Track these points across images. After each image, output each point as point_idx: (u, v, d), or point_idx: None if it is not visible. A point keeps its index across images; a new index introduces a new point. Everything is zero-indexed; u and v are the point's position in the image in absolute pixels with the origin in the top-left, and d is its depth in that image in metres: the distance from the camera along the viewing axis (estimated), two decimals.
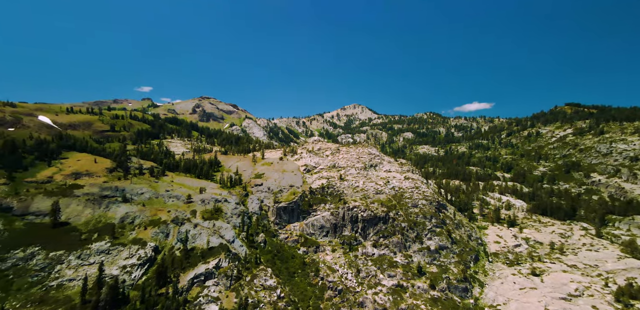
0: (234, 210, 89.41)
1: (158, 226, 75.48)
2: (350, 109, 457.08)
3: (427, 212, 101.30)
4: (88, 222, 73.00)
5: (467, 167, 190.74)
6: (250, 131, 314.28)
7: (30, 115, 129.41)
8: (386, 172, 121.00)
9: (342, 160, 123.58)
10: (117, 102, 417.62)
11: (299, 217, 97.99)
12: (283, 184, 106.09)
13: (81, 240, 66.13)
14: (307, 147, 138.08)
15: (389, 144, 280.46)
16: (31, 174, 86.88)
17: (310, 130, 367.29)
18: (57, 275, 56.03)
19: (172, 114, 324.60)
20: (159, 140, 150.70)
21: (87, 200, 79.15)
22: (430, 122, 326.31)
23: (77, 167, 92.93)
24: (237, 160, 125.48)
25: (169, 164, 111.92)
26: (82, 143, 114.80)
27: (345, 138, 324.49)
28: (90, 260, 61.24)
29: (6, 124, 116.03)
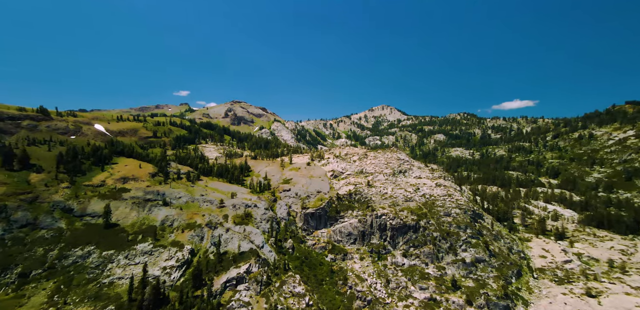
0: (263, 215, 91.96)
1: (194, 229, 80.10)
2: (379, 110, 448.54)
3: (461, 221, 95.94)
4: (134, 224, 79.74)
5: (506, 172, 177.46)
6: (279, 134, 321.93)
7: (87, 124, 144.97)
8: (416, 178, 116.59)
9: (369, 165, 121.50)
10: (159, 108, 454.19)
11: (327, 223, 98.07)
12: (310, 190, 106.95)
13: (128, 241, 72.39)
14: (334, 152, 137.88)
15: (418, 146, 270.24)
16: (88, 178, 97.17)
17: (337, 133, 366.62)
18: (109, 273, 61.88)
19: (206, 118, 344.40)
20: (195, 145, 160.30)
21: (133, 204, 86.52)
22: (464, 123, 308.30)
23: (125, 172, 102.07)
24: (266, 165, 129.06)
25: (204, 169, 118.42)
26: (129, 149, 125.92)
27: (373, 140, 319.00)
28: (135, 260, 66.77)
29: (69, 133, 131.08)
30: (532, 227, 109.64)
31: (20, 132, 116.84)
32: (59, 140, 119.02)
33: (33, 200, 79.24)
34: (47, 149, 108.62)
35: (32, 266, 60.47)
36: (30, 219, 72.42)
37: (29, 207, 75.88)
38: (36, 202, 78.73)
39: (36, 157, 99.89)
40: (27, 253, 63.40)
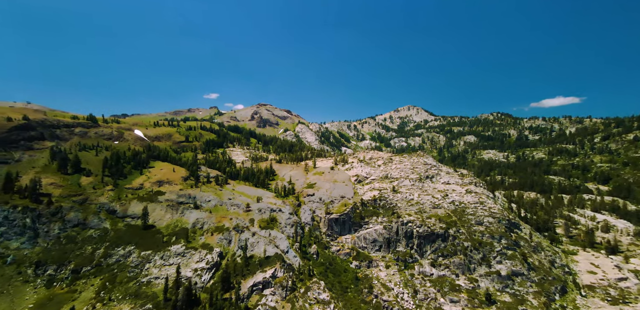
0: (287, 220, 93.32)
1: (222, 233, 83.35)
2: (404, 110, 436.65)
3: (494, 231, 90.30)
4: (168, 226, 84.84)
5: (546, 177, 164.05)
6: (303, 136, 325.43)
7: (129, 130, 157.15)
8: (444, 184, 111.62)
9: (395, 170, 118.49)
10: (191, 111, 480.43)
11: (351, 229, 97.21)
12: (334, 195, 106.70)
13: (163, 242, 77.14)
14: (358, 156, 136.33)
15: (447, 148, 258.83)
16: (129, 181, 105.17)
17: (361, 134, 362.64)
18: (146, 273, 66.35)
19: (234, 121, 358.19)
20: (223, 149, 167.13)
21: (168, 206, 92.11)
22: (498, 124, 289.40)
23: (160, 176, 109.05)
24: (290, 169, 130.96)
25: (231, 173, 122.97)
26: (164, 153, 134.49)
27: (399, 142, 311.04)
28: (170, 261, 70.94)
29: (113, 138, 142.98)
30: (578, 239, 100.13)
31: (73, 138, 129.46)
32: (104, 145, 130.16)
33: (83, 201, 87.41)
34: (95, 154, 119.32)
35: (83, 263, 66.63)
36: (80, 219, 79.93)
37: (79, 208, 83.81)
38: (86, 204, 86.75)
39: (86, 161, 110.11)
40: (78, 251, 70.00)
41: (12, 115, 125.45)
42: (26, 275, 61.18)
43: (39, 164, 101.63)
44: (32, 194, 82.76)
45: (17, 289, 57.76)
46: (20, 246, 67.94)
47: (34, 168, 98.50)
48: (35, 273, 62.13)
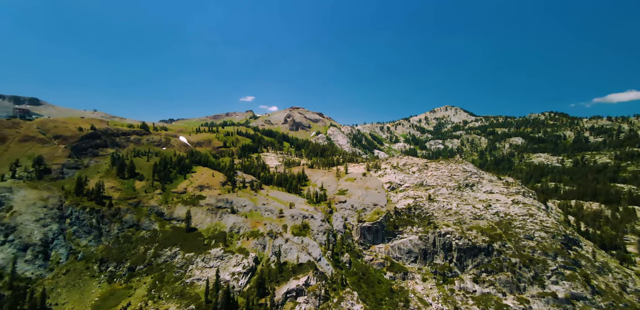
0: (319, 227, 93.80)
1: (257, 238, 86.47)
2: (441, 111, 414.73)
3: (548, 247, 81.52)
4: (208, 229, 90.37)
5: (612, 185, 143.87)
6: (335, 139, 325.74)
7: (174, 136, 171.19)
8: (487, 193, 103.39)
9: (431, 177, 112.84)
10: (229, 115, 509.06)
11: (384, 238, 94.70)
12: (366, 202, 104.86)
13: (204, 245, 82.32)
14: (392, 162, 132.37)
15: (489, 151, 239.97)
16: (174, 185, 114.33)
17: (394, 136, 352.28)
18: (190, 274, 71.33)
19: (268, 124, 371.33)
20: (257, 153, 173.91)
21: (208, 210, 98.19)
22: (551, 124, 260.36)
23: (201, 181, 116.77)
24: (322, 175, 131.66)
25: (265, 178, 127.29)
26: (204, 158, 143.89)
27: (435, 144, 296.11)
28: (210, 263, 75.43)
29: (161, 145, 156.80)
30: None
31: (129, 145, 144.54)
32: (154, 151, 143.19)
33: (137, 204, 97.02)
34: (147, 159, 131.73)
35: (137, 262, 73.86)
36: (135, 221, 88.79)
37: (134, 210, 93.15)
38: (139, 206, 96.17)
39: (139, 166, 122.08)
40: (133, 250, 77.77)
41: (82, 126, 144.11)
42: (92, 270, 69.59)
43: (102, 169, 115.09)
44: (97, 196, 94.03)
45: (86, 283, 65.99)
46: (88, 244, 77.53)
47: (98, 173, 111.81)
48: (100, 269, 70.39)
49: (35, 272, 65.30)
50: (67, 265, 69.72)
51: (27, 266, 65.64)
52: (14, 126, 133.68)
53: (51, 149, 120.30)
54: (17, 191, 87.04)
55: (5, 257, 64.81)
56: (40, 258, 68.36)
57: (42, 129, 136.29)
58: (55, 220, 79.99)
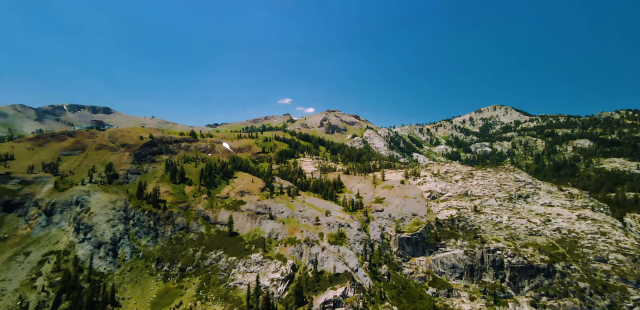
0: (356, 236, 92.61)
1: (294, 245, 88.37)
2: (489, 111, 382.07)
3: (628, 273, 70.11)
4: (249, 234, 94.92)
5: None
6: (371, 142, 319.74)
7: (218, 143, 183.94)
8: (545, 206, 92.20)
9: (476, 187, 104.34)
10: (267, 119, 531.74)
11: (425, 251, 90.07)
12: (405, 212, 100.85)
13: (245, 249, 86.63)
14: (432, 169, 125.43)
15: (547, 155, 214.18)
16: (218, 190, 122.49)
17: (435, 138, 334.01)
18: (233, 278, 75.59)
19: (304, 128, 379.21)
20: (294, 159, 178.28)
21: (248, 215, 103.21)
22: (628, 124, 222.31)
23: (242, 186, 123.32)
24: (358, 181, 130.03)
25: (301, 184, 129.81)
26: (245, 164, 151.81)
27: (481, 147, 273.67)
28: (250, 268, 79.09)
29: (207, 151, 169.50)
30: None
31: (180, 152, 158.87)
32: (201, 157, 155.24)
33: (186, 208, 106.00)
34: (194, 165, 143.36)
35: (187, 263, 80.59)
36: (184, 224, 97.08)
37: (184, 214, 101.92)
38: (188, 210, 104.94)
39: (188, 172, 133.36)
40: (184, 251, 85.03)
41: (143, 135, 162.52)
42: (151, 268, 77.76)
43: (158, 175, 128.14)
44: (154, 200, 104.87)
45: (146, 280, 73.98)
46: (147, 243, 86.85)
47: (155, 178, 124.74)
48: (156, 268, 78.36)
49: (107, 267, 75.13)
50: (130, 262, 78.95)
51: (100, 262, 75.84)
52: (91, 136, 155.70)
53: (119, 156, 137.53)
54: (93, 194, 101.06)
55: (84, 253, 75.74)
56: (110, 255, 78.46)
57: (112, 138, 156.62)
58: (122, 221, 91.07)
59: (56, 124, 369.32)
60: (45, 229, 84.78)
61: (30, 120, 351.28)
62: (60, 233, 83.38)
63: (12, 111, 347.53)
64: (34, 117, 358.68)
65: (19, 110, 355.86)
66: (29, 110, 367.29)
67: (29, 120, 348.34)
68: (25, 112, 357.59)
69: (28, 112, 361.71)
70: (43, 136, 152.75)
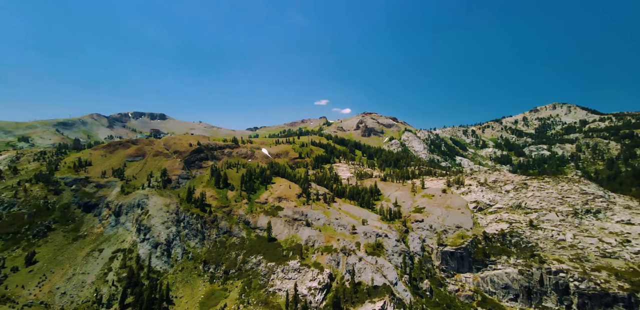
0: (394, 247, 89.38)
1: (331, 253, 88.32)
2: (547, 110, 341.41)
3: None
4: (286, 240, 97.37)
5: None
6: (410, 145, 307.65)
7: (258, 149, 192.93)
8: (622, 223, 78.85)
9: (532, 199, 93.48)
10: (304, 122, 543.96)
11: (471, 267, 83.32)
12: (448, 224, 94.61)
13: (283, 255, 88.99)
14: (478, 177, 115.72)
15: (624, 161, 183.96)
16: (257, 195, 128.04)
17: (481, 140, 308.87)
18: (272, 284, 78.15)
19: (340, 131, 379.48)
20: (330, 164, 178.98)
21: (285, 221, 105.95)
22: None
23: (279, 192, 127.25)
24: (396, 189, 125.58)
25: (337, 191, 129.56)
26: (282, 170, 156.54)
27: (537, 150, 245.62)
28: (289, 275, 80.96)
29: (247, 157, 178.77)
30: None
31: (223, 158, 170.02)
32: (242, 163, 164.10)
33: (229, 212, 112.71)
34: (236, 170, 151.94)
35: (230, 266, 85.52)
36: (227, 228, 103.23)
37: (227, 218, 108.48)
38: (231, 214, 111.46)
39: (230, 177, 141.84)
40: (227, 254, 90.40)
41: (192, 142, 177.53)
42: (199, 270, 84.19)
43: (204, 180, 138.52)
44: (201, 204, 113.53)
45: (194, 280, 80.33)
46: (195, 245, 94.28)
47: (202, 183, 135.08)
48: (203, 269, 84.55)
49: (162, 266, 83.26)
50: (182, 263, 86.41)
51: (157, 261, 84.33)
52: (150, 143, 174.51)
53: (171, 162, 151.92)
54: (151, 198, 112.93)
55: (144, 252, 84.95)
56: (165, 255, 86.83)
57: (166, 145, 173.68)
58: (174, 223, 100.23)
59: (122, 130, 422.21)
60: (114, 229, 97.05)
61: (104, 127, 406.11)
62: (126, 233, 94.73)
63: (90, 120, 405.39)
64: (106, 124, 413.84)
65: (95, 118, 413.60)
66: (103, 119, 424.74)
67: (103, 127, 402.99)
68: (99, 120, 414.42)
69: (102, 120, 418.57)
70: (113, 144, 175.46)
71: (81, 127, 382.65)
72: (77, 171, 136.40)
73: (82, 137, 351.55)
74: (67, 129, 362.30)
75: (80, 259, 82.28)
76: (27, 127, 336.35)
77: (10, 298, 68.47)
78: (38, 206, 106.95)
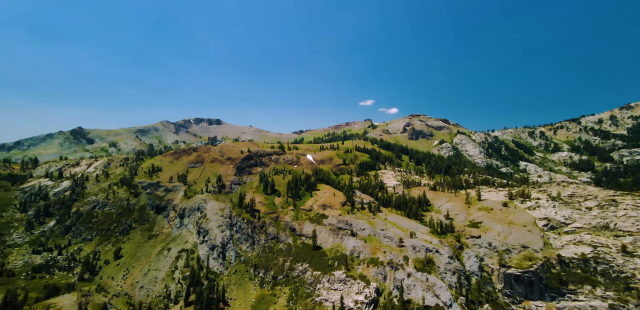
0: (447, 265, 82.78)
1: (377, 266, 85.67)
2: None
3: None
4: (331, 249, 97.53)
5: None
6: (463, 148, 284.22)
7: (303, 155, 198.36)
8: None
9: (624, 219, 77.28)
10: (349, 125, 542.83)
11: (543, 294, 72.57)
12: (511, 242, 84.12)
13: (328, 265, 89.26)
14: (549, 190, 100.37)
15: None
16: (302, 202, 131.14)
17: (552, 143, 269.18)
18: (318, 293, 78.95)
19: (386, 134, 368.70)
20: (375, 171, 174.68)
21: (330, 230, 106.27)
22: None
23: (324, 200, 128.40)
24: (447, 200, 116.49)
25: (383, 199, 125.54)
26: (326, 176, 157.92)
27: (631, 155, 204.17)
28: (334, 286, 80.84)
29: (293, 163, 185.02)
30: None
31: (270, 164, 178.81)
32: (288, 169, 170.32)
33: (276, 218, 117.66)
34: (282, 177, 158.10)
35: (278, 272, 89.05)
36: (275, 234, 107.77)
37: (274, 224, 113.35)
38: (278, 220, 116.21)
39: (277, 183, 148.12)
40: (275, 260, 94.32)
41: (242, 149, 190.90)
42: (250, 273, 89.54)
43: (254, 186, 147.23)
44: (251, 209, 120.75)
45: (246, 284, 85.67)
46: (246, 249, 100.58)
47: (251, 189, 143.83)
48: (254, 273, 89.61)
49: (219, 268, 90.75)
50: (235, 266, 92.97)
51: (214, 262, 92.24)
52: (207, 151, 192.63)
53: (225, 168, 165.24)
54: (208, 202, 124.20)
55: (203, 253, 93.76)
56: (220, 257, 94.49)
57: (221, 152, 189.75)
58: (228, 227, 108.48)
59: (186, 135, 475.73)
60: (179, 230, 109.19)
61: (171, 133, 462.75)
62: (188, 234, 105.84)
63: (161, 126, 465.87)
64: (173, 130, 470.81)
65: (165, 125, 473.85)
66: (170, 125, 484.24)
67: (170, 133, 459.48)
68: (168, 127, 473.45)
69: (170, 127, 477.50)
70: (178, 151, 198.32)
71: (154, 133, 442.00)
72: (151, 176, 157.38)
73: (154, 142, 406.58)
74: (143, 135, 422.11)
75: (154, 256, 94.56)
76: (115, 134, 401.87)
77: (104, 288, 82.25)
78: (122, 207, 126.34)
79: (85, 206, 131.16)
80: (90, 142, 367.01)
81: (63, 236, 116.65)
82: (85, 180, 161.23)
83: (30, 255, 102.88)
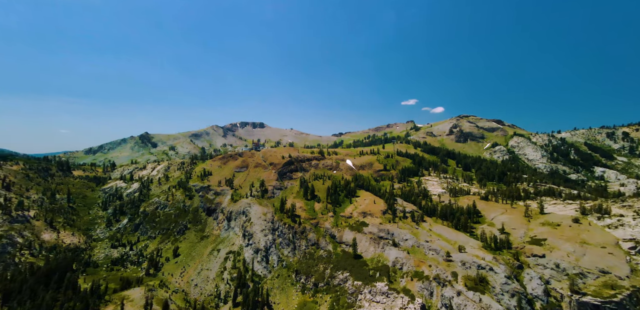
0: (503, 285, 74.76)
1: (422, 280, 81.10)
2: None
3: None
4: (372, 259, 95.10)
5: None
6: (521, 152, 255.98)
7: (342, 160, 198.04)
8: None
9: None
10: (389, 126, 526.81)
11: None
12: (585, 265, 72.64)
13: (370, 275, 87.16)
14: (635, 206, 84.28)
15: None
16: (342, 209, 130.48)
17: (637, 146, 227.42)
18: (360, 305, 77.53)
19: (430, 136, 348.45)
20: (418, 177, 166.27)
21: (371, 239, 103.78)
22: None
23: (364, 207, 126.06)
24: (502, 211, 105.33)
25: (427, 208, 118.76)
26: (366, 183, 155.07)
27: None
28: (376, 298, 78.60)
29: (332, 168, 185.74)
30: None
31: (310, 169, 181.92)
32: (327, 175, 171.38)
33: (316, 224, 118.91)
34: (322, 182, 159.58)
35: (319, 279, 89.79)
36: (315, 240, 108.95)
37: (314, 230, 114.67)
38: (318, 226, 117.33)
39: (317, 189, 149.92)
40: (315, 267, 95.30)
41: (284, 154, 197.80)
42: (292, 278, 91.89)
43: (294, 191, 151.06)
44: (292, 214, 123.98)
45: (288, 289, 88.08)
46: (287, 254, 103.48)
47: (292, 194, 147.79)
48: (296, 279, 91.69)
49: (262, 271, 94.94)
50: (278, 270, 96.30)
51: (258, 265, 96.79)
52: (252, 156, 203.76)
53: (268, 173, 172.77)
54: (252, 206, 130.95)
55: (249, 256, 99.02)
56: (264, 261, 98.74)
57: (264, 157, 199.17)
58: (270, 232, 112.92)
59: (232, 139, 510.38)
60: (227, 232, 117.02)
61: (220, 136, 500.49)
62: (235, 236, 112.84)
63: (211, 130, 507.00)
64: (221, 134, 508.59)
65: (215, 129, 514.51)
66: (219, 129, 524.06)
67: (219, 137, 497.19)
68: (217, 131, 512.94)
69: (219, 131, 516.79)
70: (225, 156, 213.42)
71: (205, 137, 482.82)
72: (202, 180, 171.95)
73: (205, 146, 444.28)
74: (196, 139, 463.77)
75: (205, 256, 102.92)
76: (173, 138, 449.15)
77: (165, 284, 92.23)
78: (179, 208, 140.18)
79: (150, 206, 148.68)
80: (154, 146, 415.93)
81: (133, 233, 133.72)
82: (150, 182, 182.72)
83: (110, 249, 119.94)
